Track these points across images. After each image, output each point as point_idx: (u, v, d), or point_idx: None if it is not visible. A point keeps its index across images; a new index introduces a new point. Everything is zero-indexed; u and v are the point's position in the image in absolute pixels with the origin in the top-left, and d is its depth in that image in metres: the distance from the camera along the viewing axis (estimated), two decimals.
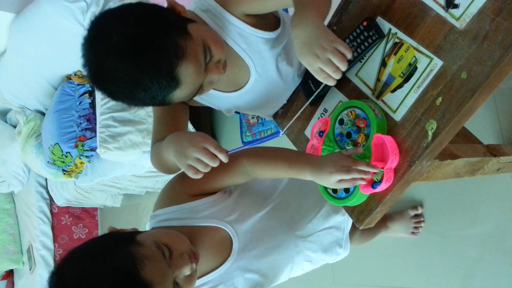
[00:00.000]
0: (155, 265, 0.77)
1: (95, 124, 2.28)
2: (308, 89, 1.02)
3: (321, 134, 0.96)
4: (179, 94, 0.85)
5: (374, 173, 0.83)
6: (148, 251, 0.78)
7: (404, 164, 0.83)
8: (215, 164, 0.84)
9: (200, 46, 0.85)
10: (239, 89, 1.06)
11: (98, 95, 2.10)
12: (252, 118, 2.24)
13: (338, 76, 0.85)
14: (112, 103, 1.94)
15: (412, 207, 1.66)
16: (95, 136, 2.28)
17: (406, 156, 0.83)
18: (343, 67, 0.84)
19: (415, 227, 1.65)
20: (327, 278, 2.01)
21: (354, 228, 1.28)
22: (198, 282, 0.93)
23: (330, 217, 1.16)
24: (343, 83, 0.96)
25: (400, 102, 0.85)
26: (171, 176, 1.04)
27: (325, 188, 0.93)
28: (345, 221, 1.22)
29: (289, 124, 1.08)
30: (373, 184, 0.84)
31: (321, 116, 1.03)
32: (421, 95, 0.82)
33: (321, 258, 1.17)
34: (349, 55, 0.84)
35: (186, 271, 0.82)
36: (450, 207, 1.60)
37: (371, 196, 0.88)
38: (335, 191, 0.92)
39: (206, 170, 0.85)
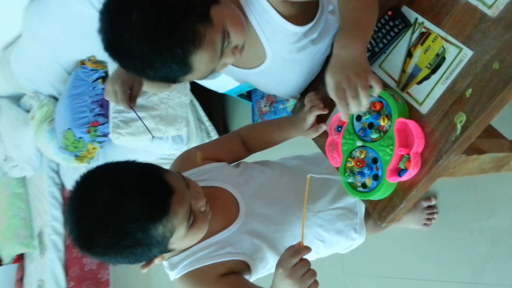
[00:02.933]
0: (176, 178, 0.83)
1: (108, 110, 2.28)
2: None
3: (339, 129, 0.94)
4: (190, 78, 0.86)
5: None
6: (171, 172, 0.85)
7: (431, 158, 0.80)
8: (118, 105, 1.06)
9: (220, 33, 0.82)
10: (251, 68, 1.04)
11: None
12: (265, 106, 2.22)
13: (354, 107, 0.80)
14: None
15: (425, 198, 1.63)
16: (108, 121, 2.28)
17: (433, 150, 0.80)
18: (365, 101, 0.79)
19: (428, 219, 1.62)
20: (336, 267, 1.99)
21: (367, 216, 1.26)
22: (206, 241, 0.94)
23: (341, 197, 1.15)
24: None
25: (427, 94, 0.82)
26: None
27: (349, 183, 0.90)
28: (357, 204, 1.20)
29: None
30: (400, 172, 0.82)
31: None
32: (449, 86, 0.79)
33: (335, 240, 1.15)
34: (377, 90, 0.80)
35: (201, 204, 0.86)
36: (464, 200, 1.57)
37: (394, 192, 0.85)
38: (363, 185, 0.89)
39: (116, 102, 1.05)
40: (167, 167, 2.59)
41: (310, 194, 1.09)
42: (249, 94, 2.30)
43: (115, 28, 0.78)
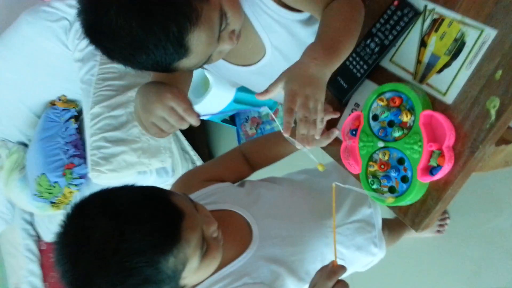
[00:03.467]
0: (184, 200, 0.73)
1: (83, 150, 2.15)
2: (339, 87, 0.90)
3: (353, 133, 0.85)
4: (185, 63, 0.74)
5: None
6: (177, 194, 0.74)
7: (465, 150, 0.72)
8: (181, 127, 0.78)
9: (217, 11, 0.73)
10: (250, 65, 0.96)
11: (87, 117, 1.96)
12: (251, 129, 2.14)
13: (302, 129, 0.73)
14: (103, 123, 1.81)
15: None
16: (84, 162, 2.15)
17: (466, 142, 0.72)
18: (313, 132, 0.74)
19: (440, 225, 1.55)
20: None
21: (383, 227, 1.17)
22: (219, 273, 0.83)
23: (356, 209, 1.07)
24: (377, 73, 0.86)
25: (450, 83, 0.75)
26: None
27: (375, 191, 0.81)
28: (373, 215, 1.11)
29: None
30: (432, 170, 0.73)
31: (352, 112, 0.92)
32: (475, 71, 0.72)
33: (355, 256, 1.06)
34: (318, 132, 0.76)
35: (213, 229, 0.75)
36: (470, 203, 1.51)
37: (427, 193, 0.77)
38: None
39: (171, 131, 0.79)
40: None
41: (324, 208, 1.01)
42: (233, 119, 2.22)
43: (98, 4, 0.67)
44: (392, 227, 1.48)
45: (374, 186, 0.81)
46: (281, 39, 0.89)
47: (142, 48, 0.68)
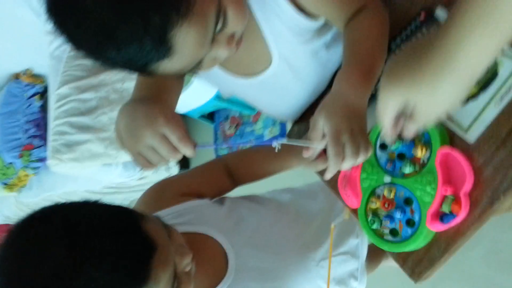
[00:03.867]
0: (157, 227, 0.59)
1: (45, 131, 1.97)
2: None
3: None
4: (166, 66, 0.59)
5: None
6: (150, 218, 0.60)
7: (483, 199, 0.63)
8: (174, 158, 0.65)
9: (214, 6, 0.58)
10: (251, 75, 0.81)
11: (52, 97, 1.78)
12: (229, 128, 2.01)
13: (348, 165, 0.63)
14: (69, 106, 1.64)
15: None
16: (45, 145, 1.97)
17: (485, 190, 0.63)
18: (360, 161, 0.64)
19: None
20: None
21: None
22: None
23: (343, 239, 0.97)
24: None
25: (475, 118, 0.65)
26: (136, 196, 0.86)
27: (374, 232, 0.71)
28: (359, 246, 1.01)
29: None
30: (443, 217, 0.63)
31: None
32: (505, 109, 0.63)
33: None
34: (361, 159, 0.64)
35: (186, 263, 0.62)
36: None
37: (433, 241, 0.67)
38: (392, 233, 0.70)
39: (161, 163, 0.66)
40: (114, 197, 2.28)
41: (311, 239, 0.90)
42: (211, 115, 2.09)
43: None
44: (370, 254, 1.39)
45: (374, 226, 0.70)
46: (291, 48, 0.77)
47: (113, 39, 0.53)
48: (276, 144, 0.65)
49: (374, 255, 1.42)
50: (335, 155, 0.62)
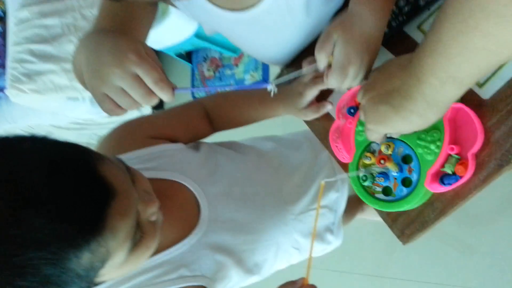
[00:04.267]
0: (117, 170, 0.51)
1: (4, 57, 1.79)
2: None
3: (352, 111, 0.67)
4: None
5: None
6: (109, 160, 0.51)
7: (491, 161, 0.57)
8: (148, 103, 0.55)
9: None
10: (240, 9, 0.69)
11: (11, 20, 1.59)
12: (208, 70, 1.89)
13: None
14: (30, 31, 1.47)
15: None
16: (4, 73, 1.80)
17: (494, 152, 0.57)
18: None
19: None
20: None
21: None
22: (151, 260, 0.64)
23: (324, 193, 0.92)
24: (398, 39, 0.67)
25: (493, 73, 0.58)
26: (104, 130, 0.76)
27: (364, 189, 0.65)
28: (338, 200, 0.97)
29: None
30: (444, 178, 0.58)
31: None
32: None
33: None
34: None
35: (152, 211, 0.55)
36: None
37: (428, 203, 0.62)
38: (386, 192, 0.64)
39: (132, 107, 0.55)
40: (80, 133, 2.15)
41: (291, 191, 0.84)
42: (189, 55, 1.95)
43: None
44: (345, 207, 1.37)
45: (366, 183, 0.64)
46: None
47: None
48: (271, 87, 0.56)
49: (349, 208, 1.39)
50: (336, 84, 0.60)
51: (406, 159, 0.62)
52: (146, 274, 0.64)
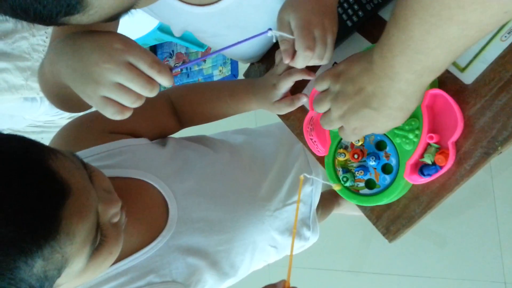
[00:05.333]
0: (72, 167, 0.46)
1: None
2: None
3: None
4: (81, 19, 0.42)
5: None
6: (64, 156, 0.46)
7: (477, 151, 0.54)
8: (151, 93, 0.49)
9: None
10: (209, 3, 0.65)
11: None
12: (174, 66, 1.82)
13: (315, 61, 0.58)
14: None
15: None
16: None
17: (480, 139, 0.54)
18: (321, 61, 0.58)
19: None
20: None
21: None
22: (115, 268, 0.59)
23: (298, 187, 0.87)
24: (372, 25, 0.64)
25: (474, 56, 0.55)
26: None
27: (347, 188, 0.61)
28: (312, 193, 0.93)
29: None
30: (424, 168, 0.55)
31: None
32: None
33: (288, 243, 0.87)
34: (326, 60, 0.58)
35: (114, 212, 0.50)
36: None
37: (412, 198, 0.58)
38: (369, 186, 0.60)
39: (137, 103, 0.50)
40: (41, 136, 2.04)
41: (266, 186, 0.80)
42: (154, 51, 1.87)
43: None
44: (322, 202, 1.34)
45: (348, 184, 0.60)
46: None
47: None
48: (272, 33, 0.54)
49: (325, 204, 1.37)
50: (306, 48, 0.55)
51: (380, 146, 0.59)
52: (109, 283, 0.58)
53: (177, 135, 0.78)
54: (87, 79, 0.48)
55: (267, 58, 0.79)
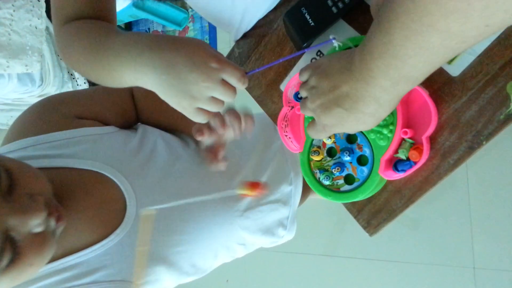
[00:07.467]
0: None
1: None
2: (302, 24, 0.60)
3: (299, 97, 0.61)
4: None
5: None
6: None
7: (462, 144, 0.53)
8: (232, 99, 0.54)
9: None
10: None
11: None
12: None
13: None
14: None
15: None
16: None
17: (465, 133, 0.53)
18: None
19: None
20: None
21: None
22: (61, 261, 0.56)
23: (275, 186, 0.85)
24: (358, 12, 0.61)
25: None
26: None
27: (315, 177, 0.60)
28: (292, 194, 0.91)
29: (254, 71, 0.70)
30: (398, 164, 0.54)
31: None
32: (502, 37, 0.52)
33: (258, 241, 0.85)
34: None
35: (35, 222, 0.47)
36: None
37: (395, 192, 0.57)
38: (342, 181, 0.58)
39: (222, 109, 0.54)
40: (10, 115, 1.95)
41: (240, 183, 0.76)
42: (129, 28, 1.80)
43: None
44: None
45: (327, 183, 0.58)
46: None
47: None
48: (335, 42, 0.54)
49: (304, 192, 1.35)
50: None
51: (351, 139, 0.58)
52: (51, 278, 0.56)
53: None
54: (185, 95, 0.51)
55: (254, 34, 0.75)
